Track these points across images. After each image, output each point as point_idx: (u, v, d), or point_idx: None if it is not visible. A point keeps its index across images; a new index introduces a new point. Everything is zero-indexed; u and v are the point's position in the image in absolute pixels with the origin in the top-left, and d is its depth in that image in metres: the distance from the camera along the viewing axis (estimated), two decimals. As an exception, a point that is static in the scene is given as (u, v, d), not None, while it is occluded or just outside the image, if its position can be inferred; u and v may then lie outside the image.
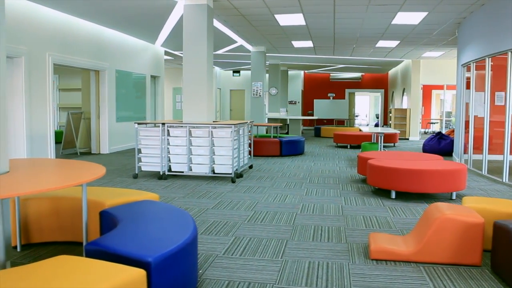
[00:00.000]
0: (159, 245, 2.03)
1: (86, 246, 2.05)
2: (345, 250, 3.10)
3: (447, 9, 6.62)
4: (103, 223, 2.68)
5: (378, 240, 3.03)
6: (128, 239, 2.10)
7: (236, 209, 4.25)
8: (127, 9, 7.06)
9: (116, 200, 2.97)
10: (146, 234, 2.20)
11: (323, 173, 6.60)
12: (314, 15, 7.22)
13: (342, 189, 5.32)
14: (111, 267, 1.78)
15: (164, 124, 5.80)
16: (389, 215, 4.08)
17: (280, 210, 4.22)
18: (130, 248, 1.96)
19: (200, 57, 6.13)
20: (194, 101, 6.21)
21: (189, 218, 2.56)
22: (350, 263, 2.85)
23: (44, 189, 2.02)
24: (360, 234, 3.49)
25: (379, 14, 6.99)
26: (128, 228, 2.28)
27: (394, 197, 4.78)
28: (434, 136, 8.98)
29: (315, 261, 2.87)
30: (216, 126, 5.71)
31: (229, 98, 17.78)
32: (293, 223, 3.77)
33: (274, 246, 3.15)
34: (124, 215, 2.55)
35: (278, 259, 2.90)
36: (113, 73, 8.99)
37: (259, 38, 9.56)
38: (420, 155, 5.85)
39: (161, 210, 2.74)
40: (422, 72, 12.45)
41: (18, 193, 1.93)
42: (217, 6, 6.60)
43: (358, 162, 5.89)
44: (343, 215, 4.08)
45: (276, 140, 8.42)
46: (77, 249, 3.03)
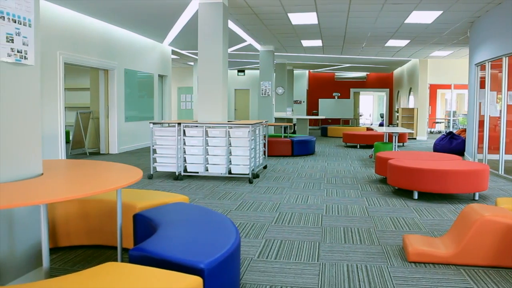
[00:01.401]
0: (208, 250, 1.96)
1: (131, 252, 1.98)
2: (380, 252, 3.05)
3: (462, 8, 6.57)
4: (137, 226, 2.61)
5: (415, 242, 2.97)
6: (174, 244, 2.04)
7: (260, 211, 4.19)
8: (139, 7, 6.98)
9: (147, 202, 2.91)
10: (191, 238, 2.13)
11: (339, 173, 6.54)
12: (328, 14, 7.16)
13: (362, 190, 5.26)
14: (166, 275, 1.71)
15: (180, 124, 5.73)
16: (416, 216, 4.03)
17: (304, 212, 4.16)
18: (179, 254, 1.90)
19: (216, 56, 6.06)
20: (209, 101, 6.14)
21: (228, 220, 2.50)
22: (388, 266, 2.79)
23: (84, 194, 1.95)
24: (392, 235, 3.43)
25: (393, 13, 6.93)
26: (170, 233, 2.21)
27: (417, 197, 4.72)
28: (445, 135, 8.94)
29: (353, 264, 2.81)
30: (232, 126, 5.64)
31: (233, 98, 17.70)
32: (321, 225, 3.71)
33: (308, 249, 3.09)
34: (160, 218, 2.49)
35: (315, 262, 2.84)
36: (122, 72, 8.91)
37: (269, 37, 9.50)
38: (438, 155, 5.80)
39: (196, 212, 2.67)
40: (430, 71, 12.41)
41: (58, 198, 1.86)
42: (231, 4, 6.53)
43: (376, 162, 5.83)
44: (369, 216, 4.03)
45: (288, 140, 8.36)
46: (106, 253, 2.96)
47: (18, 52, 2.19)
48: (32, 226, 2.32)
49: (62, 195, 1.89)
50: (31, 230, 2.31)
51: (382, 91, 17.98)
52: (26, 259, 2.27)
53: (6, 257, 2.13)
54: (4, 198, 1.94)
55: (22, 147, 2.25)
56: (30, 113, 2.30)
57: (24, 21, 2.23)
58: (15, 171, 2.19)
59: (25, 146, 2.27)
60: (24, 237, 2.25)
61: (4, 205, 1.74)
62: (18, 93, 2.22)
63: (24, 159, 2.25)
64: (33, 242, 2.32)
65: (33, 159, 2.32)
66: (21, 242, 2.23)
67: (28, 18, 2.25)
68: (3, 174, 2.11)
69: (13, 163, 2.18)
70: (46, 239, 1.98)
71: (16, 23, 2.18)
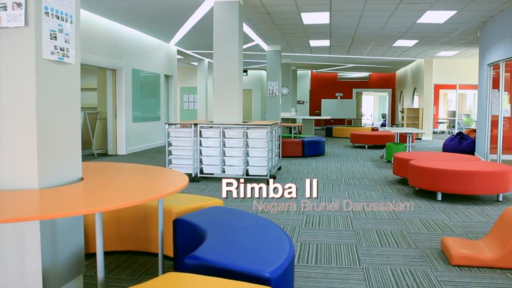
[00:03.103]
0: (269, 258, 1.88)
1: (186, 260, 1.88)
2: (420, 255, 2.98)
3: (477, 8, 6.54)
4: (178, 232, 2.50)
5: (456, 245, 2.90)
6: (230, 251, 1.94)
7: (286, 213, 4.11)
8: (151, 6, 6.87)
9: (183, 207, 2.81)
10: (245, 245, 2.04)
11: (354, 174, 6.47)
12: (341, 14, 7.10)
13: (383, 191, 5.20)
14: (233, 286, 1.62)
15: (196, 124, 5.63)
16: (445, 218, 3.97)
17: (331, 214, 4.09)
18: (240, 262, 1.81)
19: (232, 56, 5.97)
20: (225, 101, 6.05)
21: (274, 225, 2.41)
22: (433, 270, 2.72)
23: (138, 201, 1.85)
24: (426, 238, 3.37)
25: (407, 12, 6.89)
26: (220, 239, 2.12)
27: (441, 199, 4.66)
28: (454, 136, 8.92)
29: (397, 268, 2.74)
30: (250, 126, 5.56)
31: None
32: (352, 227, 3.63)
33: (346, 253, 3.02)
34: (204, 224, 2.39)
35: (358, 267, 2.76)
36: (130, 72, 8.78)
37: (278, 36, 9.42)
38: (456, 156, 5.76)
39: (239, 217, 2.58)
40: (435, 71, 12.40)
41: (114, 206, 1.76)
42: (246, 4, 6.45)
43: (394, 163, 5.78)
44: (398, 218, 3.96)
45: (299, 141, 8.28)
46: (140, 259, 2.86)
47: (61, 50, 2.09)
48: (73, 233, 2.22)
49: (118, 203, 1.80)
50: (72, 237, 2.21)
51: (385, 91, 17.97)
52: (68, 267, 2.17)
53: (50, 265, 2.02)
54: (60, 205, 1.83)
55: (64, 149, 2.14)
56: (71, 114, 2.20)
57: (66, 18, 2.13)
58: (59, 175, 2.09)
59: (67, 148, 2.17)
60: (66, 245, 2.15)
61: (65, 213, 1.64)
62: (60, 93, 2.12)
63: (66, 162, 2.15)
64: (74, 250, 2.21)
65: (74, 162, 2.21)
66: (64, 250, 2.13)
67: (69, 15, 2.15)
68: (47, 178, 2.01)
69: (56, 167, 2.08)
70: (101, 247, 1.88)
71: (59, 20, 2.08)
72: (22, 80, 1.94)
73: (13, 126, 1.94)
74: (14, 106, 1.94)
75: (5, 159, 1.95)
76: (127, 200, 1.88)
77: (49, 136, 2.03)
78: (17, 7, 1.91)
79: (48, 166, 2.02)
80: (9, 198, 1.86)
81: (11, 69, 1.93)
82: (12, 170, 1.95)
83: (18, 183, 1.94)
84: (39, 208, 1.83)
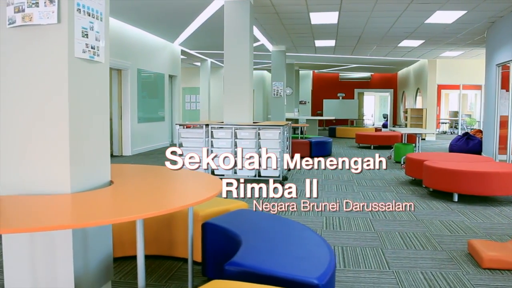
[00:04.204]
0: (313, 263, 1.82)
1: (227, 267, 1.82)
2: (448, 258, 2.93)
3: (488, 8, 6.51)
4: (207, 236, 2.43)
5: (486, 248, 2.85)
6: (271, 257, 1.88)
7: (305, 215, 4.05)
8: (157, 6, 6.79)
9: (210, 210, 2.74)
10: (284, 251, 1.98)
11: (365, 175, 6.42)
12: (350, 13, 7.05)
13: (397, 192, 5.15)
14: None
15: (208, 125, 5.56)
16: (465, 220, 3.92)
17: (350, 215, 4.03)
18: (284, 269, 1.75)
19: (243, 55, 5.90)
20: (236, 101, 5.98)
21: (308, 229, 2.35)
22: (464, 273, 2.67)
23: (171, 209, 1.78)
24: (451, 240, 3.32)
25: (417, 12, 6.85)
26: (258, 245, 2.05)
27: (457, 200, 4.62)
28: (461, 136, 8.90)
29: (427, 271, 2.68)
30: (262, 127, 5.49)
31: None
32: (374, 230, 3.58)
33: (373, 256, 2.96)
34: (235, 228, 2.32)
35: (388, 270, 2.71)
36: (135, 72, 8.69)
37: (284, 36, 9.36)
38: (468, 157, 5.73)
39: (268, 220, 2.52)
40: (438, 72, 12.40)
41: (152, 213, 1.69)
42: (255, 3, 6.39)
43: (406, 164, 5.73)
44: (418, 219, 3.91)
45: (306, 141, 8.23)
46: (164, 264, 2.79)
47: (92, 48, 2.02)
48: (103, 239, 2.15)
49: (156, 209, 1.72)
50: (102, 243, 2.14)
51: (386, 91, 17.97)
52: (98, 274, 2.09)
53: (81, 273, 1.95)
54: (95, 212, 1.75)
55: (95, 152, 2.07)
56: (101, 115, 2.13)
57: (97, 15, 2.06)
58: (90, 179, 2.02)
59: (97, 150, 2.09)
60: (96, 251, 2.07)
61: (101, 221, 1.57)
62: (90, 93, 2.04)
63: (96, 165, 2.08)
64: (104, 256, 2.14)
65: (103, 165, 2.14)
66: (94, 256, 2.05)
67: (100, 11, 2.08)
68: (79, 182, 1.93)
69: (88, 170, 2.00)
70: (142, 253, 1.80)
71: (90, 17, 2.01)
72: (54, 80, 1.86)
73: (45, 128, 1.87)
74: (46, 107, 1.87)
75: (37, 163, 1.87)
76: (162, 207, 1.81)
77: (81, 138, 1.96)
78: (50, 3, 1.84)
79: (80, 170, 1.94)
80: (42, 203, 1.78)
81: (43, 69, 1.86)
82: (45, 174, 1.87)
83: (50, 187, 1.87)
84: (73, 215, 1.76)
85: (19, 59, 1.87)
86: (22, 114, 1.87)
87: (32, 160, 1.87)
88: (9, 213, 1.72)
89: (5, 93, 1.89)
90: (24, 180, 1.87)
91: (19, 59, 1.87)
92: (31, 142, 1.87)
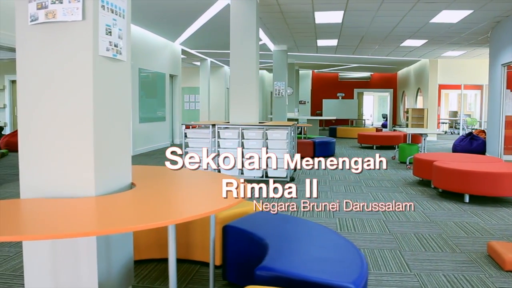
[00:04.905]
0: (346, 267, 1.76)
1: (258, 272, 1.76)
2: (468, 260, 2.89)
3: (494, 7, 6.50)
4: (228, 240, 2.37)
5: (507, 250, 2.82)
6: (302, 262, 1.83)
7: (317, 217, 4.00)
8: (160, 5, 6.71)
9: (227, 212, 2.67)
10: (312, 254, 1.93)
11: (371, 175, 6.38)
12: (355, 13, 7.01)
13: (406, 193, 5.12)
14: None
15: (214, 125, 5.50)
16: (479, 221, 3.89)
17: (363, 217, 3.98)
18: (318, 273, 1.69)
19: (249, 55, 5.85)
20: (242, 101, 5.93)
21: (330, 230, 2.30)
22: (487, 275, 2.63)
23: (198, 215, 1.72)
24: (468, 242, 3.28)
25: (423, 11, 6.83)
26: (284, 248, 2.00)
27: (468, 200, 4.59)
28: (465, 136, 8.90)
29: (449, 274, 2.64)
30: (269, 127, 5.44)
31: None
32: (390, 231, 3.54)
33: (392, 258, 2.92)
34: (257, 230, 2.27)
35: (409, 273, 2.66)
36: (137, 72, 8.60)
37: (286, 36, 9.31)
38: (477, 157, 5.72)
39: (290, 222, 2.47)
40: (439, 72, 12.41)
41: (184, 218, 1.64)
42: (260, 2, 6.33)
43: (414, 164, 5.71)
44: (431, 221, 3.88)
45: (310, 142, 8.19)
46: (181, 267, 2.72)
47: (115, 46, 1.96)
48: (125, 243, 2.09)
49: (187, 214, 1.67)
50: (124, 247, 2.08)
51: (386, 91, 17.99)
52: (120, 278, 2.03)
53: (105, 277, 1.89)
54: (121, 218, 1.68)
55: (118, 153, 2.01)
56: (123, 115, 2.07)
57: (120, 12, 1.99)
58: (113, 180, 1.95)
59: (120, 151, 2.03)
60: (118, 256, 2.01)
61: (137, 226, 1.51)
62: (113, 93, 1.98)
63: (119, 166, 2.01)
64: (125, 261, 2.08)
65: (125, 166, 2.08)
66: (116, 261, 1.99)
67: (122, 8, 2.02)
68: (103, 184, 1.87)
69: (111, 171, 1.94)
70: (173, 261, 1.74)
71: (113, 14, 1.94)
72: (78, 80, 1.80)
73: (69, 128, 1.80)
74: (69, 107, 1.80)
75: (61, 164, 1.80)
76: (194, 211, 1.75)
77: (105, 139, 1.89)
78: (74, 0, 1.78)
79: (104, 171, 1.88)
80: (66, 207, 1.72)
81: (66, 68, 1.79)
82: (68, 176, 1.81)
83: (74, 190, 1.80)
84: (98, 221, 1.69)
85: (41, 58, 1.80)
86: (45, 114, 1.81)
87: (56, 162, 1.80)
88: (32, 217, 1.65)
89: (27, 93, 1.82)
90: (47, 182, 1.81)
91: (41, 57, 1.80)
92: (55, 143, 1.80)
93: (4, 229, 1.45)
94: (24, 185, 1.84)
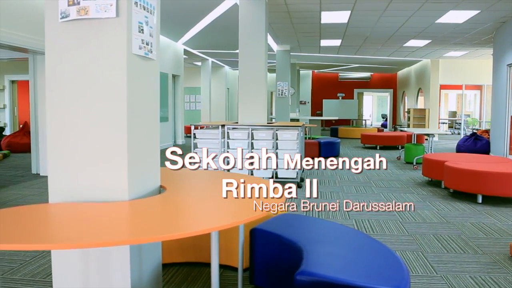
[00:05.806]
0: (389, 272, 1.72)
1: (298, 277, 1.71)
2: (492, 262, 2.86)
3: (501, 7, 6.50)
4: (256, 243, 2.31)
5: (532, 251, 2.80)
6: (341, 266, 1.78)
7: (332, 218, 3.96)
8: (166, 4, 6.64)
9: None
10: (351, 258, 1.89)
11: (379, 176, 6.36)
12: (362, 12, 6.99)
13: (418, 194, 5.09)
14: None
15: (223, 126, 5.44)
16: (495, 222, 3.87)
17: (379, 218, 3.95)
18: (361, 278, 1.65)
19: (258, 55, 5.80)
20: (251, 102, 5.88)
21: (360, 233, 2.26)
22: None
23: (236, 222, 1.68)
24: (489, 243, 3.26)
25: (430, 11, 6.81)
26: (321, 252, 1.95)
27: (481, 201, 4.58)
28: (469, 137, 8.91)
29: (476, 276, 2.61)
30: (279, 128, 5.40)
31: (237, 99, 17.39)
32: (408, 233, 3.50)
33: (416, 260, 2.88)
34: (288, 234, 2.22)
35: (436, 275, 2.63)
36: (140, 72, 8.52)
37: (290, 36, 9.28)
38: (487, 157, 5.72)
39: (320, 225, 2.42)
40: (441, 72, 12.43)
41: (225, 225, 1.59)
42: (269, 2, 6.29)
43: (423, 164, 5.69)
44: (448, 222, 3.85)
45: (316, 142, 8.16)
46: (204, 271, 2.67)
47: (147, 44, 1.90)
48: (155, 248, 2.03)
49: (228, 221, 1.62)
50: (154, 253, 2.02)
51: (386, 91, 18.01)
52: (150, 284, 1.97)
53: (137, 283, 1.83)
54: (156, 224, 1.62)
55: (149, 155, 1.95)
56: (153, 116, 2.01)
57: (151, 9, 1.94)
58: (144, 184, 1.90)
59: (151, 154, 1.97)
60: (149, 262, 1.95)
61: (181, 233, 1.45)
62: (144, 93, 1.92)
63: (150, 169, 1.96)
64: (154, 266, 2.02)
65: (155, 169, 2.02)
66: (147, 266, 1.93)
67: (153, 6, 1.96)
68: (136, 188, 1.81)
69: (143, 175, 1.88)
70: (216, 268, 1.68)
71: (145, 11, 1.89)
72: (112, 79, 1.74)
73: (102, 129, 1.74)
74: (102, 107, 1.74)
75: (93, 167, 1.74)
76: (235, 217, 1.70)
77: (137, 141, 1.84)
78: (107, -4, 1.72)
79: (137, 174, 1.82)
80: (99, 212, 1.65)
81: (99, 67, 1.74)
82: (101, 178, 1.75)
83: (107, 194, 1.74)
84: (132, 229, 1.62)
85: (73, 56, 1.74)
86: (77, 115, 1.75)
87: (88, 164, 1.74)
88: (62, 224, 1.59)
89: (57, 94, 1.76)
90: (78, 185, 1.75)
91: (73, 56, 1.74)
92: (86, 144, 1.74)
93: (33, 237, 1.39)
94: (53, 189, 1.78)
